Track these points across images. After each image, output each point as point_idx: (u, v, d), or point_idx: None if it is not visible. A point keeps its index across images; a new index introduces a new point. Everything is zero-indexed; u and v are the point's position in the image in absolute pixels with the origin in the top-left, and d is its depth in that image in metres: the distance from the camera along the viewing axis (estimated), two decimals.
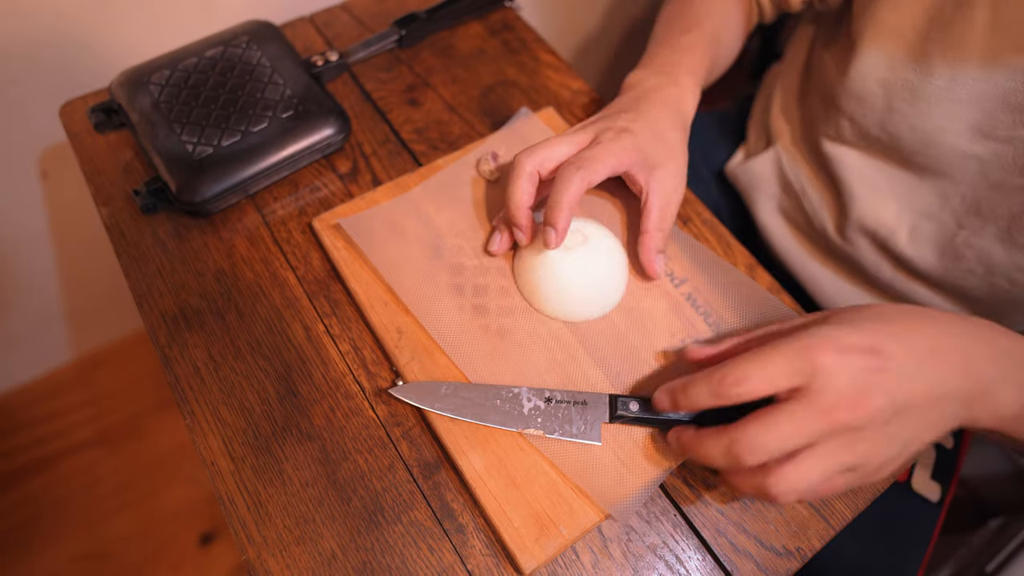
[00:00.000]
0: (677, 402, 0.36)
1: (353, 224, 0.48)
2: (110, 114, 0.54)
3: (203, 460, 0.42)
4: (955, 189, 0.50)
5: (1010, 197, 0.47)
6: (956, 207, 0.51)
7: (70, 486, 1.02)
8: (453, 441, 0.41)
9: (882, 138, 0.52)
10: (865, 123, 0.53)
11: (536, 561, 0.38)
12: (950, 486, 0.60)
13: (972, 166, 0.48)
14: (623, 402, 0.40)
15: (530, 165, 0.44)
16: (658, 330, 0.45)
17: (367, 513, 0.40)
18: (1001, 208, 0.48)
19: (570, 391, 0.42)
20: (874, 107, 0.51)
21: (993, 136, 0.46)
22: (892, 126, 0.51)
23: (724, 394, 0.34)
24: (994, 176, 0.47)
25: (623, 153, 0.44)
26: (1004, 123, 0.45)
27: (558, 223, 0.42)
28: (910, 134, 0.50)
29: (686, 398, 0.36)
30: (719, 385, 0.34)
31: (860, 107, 0.52)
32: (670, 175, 0.46)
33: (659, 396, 0.38)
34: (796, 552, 0.40)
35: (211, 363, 0.45)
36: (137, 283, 0.48)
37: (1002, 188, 0.47)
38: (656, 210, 0.45)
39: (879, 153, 0.54)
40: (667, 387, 0.37)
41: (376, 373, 0.45)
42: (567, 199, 0.42)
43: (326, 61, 0.57)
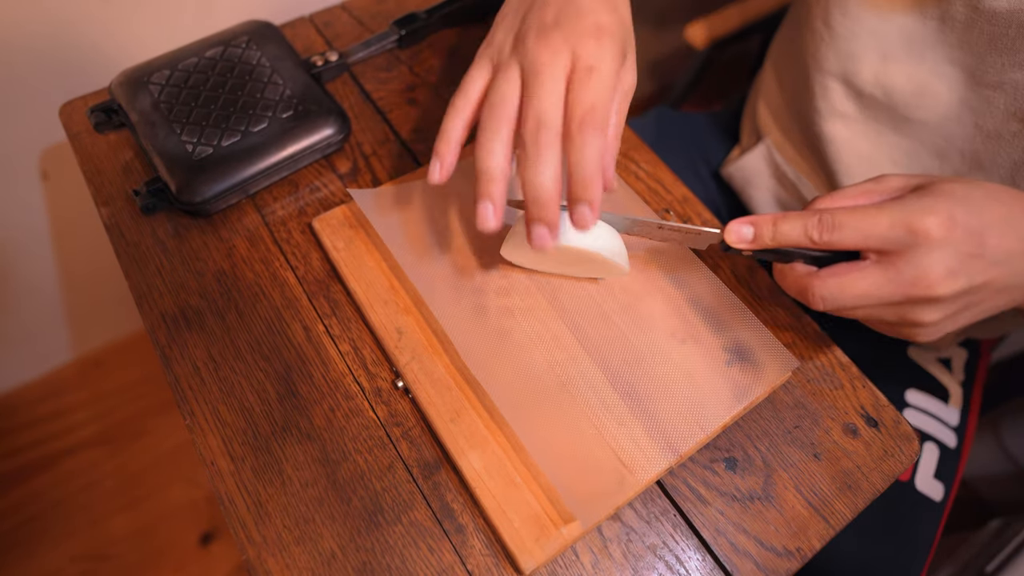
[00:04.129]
0: (760, 235, 0.36)
1: (365, 198, 0.48)
2: (110, 114, 0.54)
3: (203, 460, 0.42)
4: (952, 145, 0.50)
5: (1009, 144, 0.47)
6: (956, 165, 0.50)
7: (70, 486, 1.02)
8: (453, 441, 0.41)
9: (876, 93, 0.52)
10: (859, 80, 0.52)
11: (536, 561, 0.38)
12: (953, 485, 0.60)
13: (967, 117, 0.48)
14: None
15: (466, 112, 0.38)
16: (658, 331, 0.45)
17: (367, 513, 0.40)
18: (1001, 157, 0.48)
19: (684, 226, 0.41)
20: (867, 59, 0.51)
21: (984, 82, 0.46)
22: (887, 77, 0.50)
23: (815, 236, 0.34)
24: (989, 126, 0.47)
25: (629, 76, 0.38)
26: (994, 66, 0.45)
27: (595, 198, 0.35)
28: (906, 83, 0.49)
29: (775, 229, 0.36)
30: (813, 226, 0.34)
31: (853, 63, 0.52)
32: (631, 68, 0.40)
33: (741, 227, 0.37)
34: (796, 552, 0.40)
35: (211, 363, 0.45)
36: (137, 283, 0.48)
37: (1000, 138, 0.47)
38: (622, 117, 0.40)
39: (873, 115, 0.53)
40: (755, 218, 0.37)
41: (376, 373, 0.45)
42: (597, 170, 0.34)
43: (326, 61, 0.57)
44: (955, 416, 0.63)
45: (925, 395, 0.63)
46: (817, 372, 0.46)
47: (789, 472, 0.43)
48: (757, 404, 0.44)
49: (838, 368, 0.47)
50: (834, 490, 0.42)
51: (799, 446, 0.44)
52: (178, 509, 1.01)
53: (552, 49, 0.35)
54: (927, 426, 0.62)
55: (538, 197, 0.35)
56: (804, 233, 0.35)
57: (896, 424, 0.45)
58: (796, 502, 0.42)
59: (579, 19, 0.35)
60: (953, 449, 0.62)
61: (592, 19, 0.35)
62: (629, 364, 0.44)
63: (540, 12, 0.37)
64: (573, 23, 0.35)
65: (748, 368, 0.44)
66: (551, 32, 0.35)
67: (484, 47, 0.39)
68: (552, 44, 0.35)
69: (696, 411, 0.42)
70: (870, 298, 0.34)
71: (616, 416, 0.42)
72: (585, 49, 0.35)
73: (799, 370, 0.46)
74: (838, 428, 0.44)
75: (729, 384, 0.43)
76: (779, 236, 0.36)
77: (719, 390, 0.43)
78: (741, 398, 0.43)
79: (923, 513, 0.58)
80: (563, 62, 0.35)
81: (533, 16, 0.37)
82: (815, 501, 0.42)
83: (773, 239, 0.36)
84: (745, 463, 0.43)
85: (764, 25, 0.86)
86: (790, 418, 0.45)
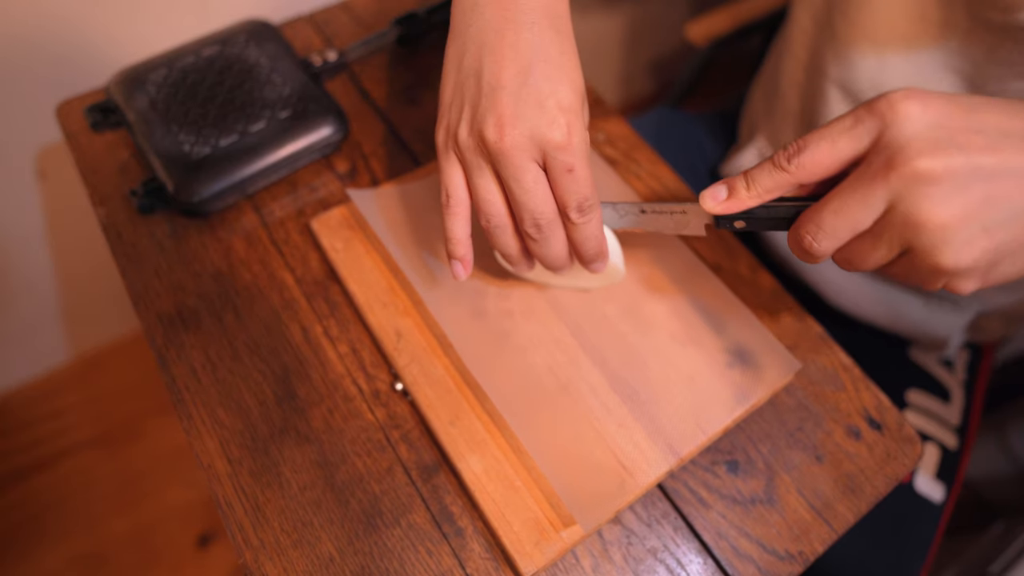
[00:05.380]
0: (735, 191, 0.34)
1: (364, 199, 0.48)
2: (107, 114, 0.53)
3: (200, 462, 0.41)
4: None
5: None
6: None
7: (68, 487, 1.02)
8: (452, 444, 0.41)
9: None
10: (856, 85, 0.51)
11: (536, 565, 0.37)
12: (953, 487, 0.60)
13: None
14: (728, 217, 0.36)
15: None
16: (659, 333, 0.45)
17: (365, 516, 0.40)
18: None
19: (666, 202, 0.39)
20: (865, 65, 0.50)
21: (984, 90, 0.45)
22: (884, 83, 0.49)
23: (784, 164, 0.31)
24: None
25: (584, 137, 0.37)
26: (993, 76, 0.44)
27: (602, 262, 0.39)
28: None
29: (748, 179, 0.33)
30: (781, 156, 0.32)
31: (850, 68, 0.51)
32: (587, 107, 0.39)
33: (716, 189, 0.34)
34: (798, 556, 0.40)
35: (208, 364, 0.45)
36: (134, 283, 0.48)
37: None
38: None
39: None
40: (728, 179, 0.35)
41: (375, 375, 0.44)
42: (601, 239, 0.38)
43: (324, 60, 0.57)
44: (956, 416, 0.63)
45: (926, 395, 0.63)
46: (820, 374, 0.46)
47: (791, 475, 0.42)
48: (759, 406, 0.44)
49: (841, 370, 0.46)
50: (836, 493, 0.42)
51: (801, 448, 0.43)
52: (176, 511, 1.01)
53: (520, 148, 0.34)
54: (928, 427, 0.61)
55: (553, 266, 0.39)
56: (774, 166, 0.32)
57: (899, 426, 0.44)
58: (798, 505, 0.41)
59: (540, 108, 0.34)
60: (954, 450, 0.61)
61: (552, 101, 0.34)
62: (630, 366, 0.43)
63: (495, 97, 0.34)
64: (536, 113, 0.34)
65: (750, 370, 0.44)
66: (516, 127, 0.33)
67: (442, 132, 0.37)
68: (518, 142, 0.34)
69: (697, 413, 0.42)
70: (852, 209, 0.29)
71: (617, 418, 0.41)
72: (555, 147, 0.34)
73: (801, 372, 0.46)
74: (841, 430, 0.44)
75: (730, 386, 0.43)
76: (753, 184, 0.33)
77: (720, 392, 0.43)
78: (742, 400, 0.42)
79: (922, 514, 0.58)
80: (533, 156, 0.34)
81: (487, 100, 0.34)
82: (817, 504, 0.41)
83: (748, 189, 0.34)
84: (747, 466, 0.43)
85: (764, 24, 0.86)
86: (792, 420, 0.44)
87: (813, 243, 0.31)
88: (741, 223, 0.36)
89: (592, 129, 0.57)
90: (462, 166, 0.37)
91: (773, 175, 0.32)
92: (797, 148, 0.31)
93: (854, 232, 0.30)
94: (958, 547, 0.79)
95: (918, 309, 0.59)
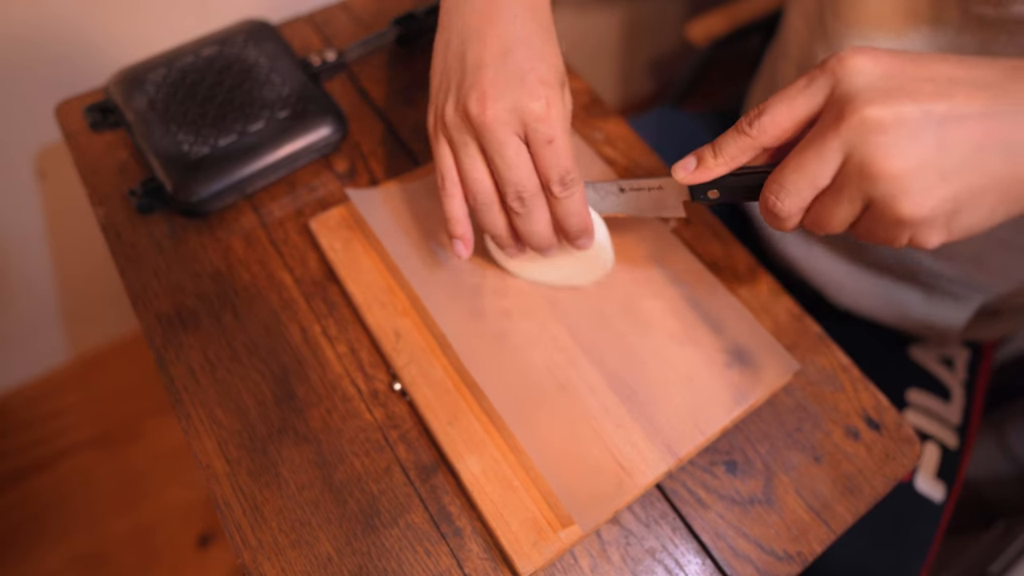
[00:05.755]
0: (704, 159, 0.34)
1: (363, 198, 0.48)
2: (106, 114, 0.53)
3: (198, 462, 0.41)
4: None
5: None
6: None
7: (67, 487, 1.02)
8: (450, 444, 0.41)
9: None
10: None
11: (534, 565, 0.37)
12: (954, 486, 0.60)
13: None
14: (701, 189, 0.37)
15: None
16: (657, 333, 0.45)
17: (363, 516, 0.40)
18: None
19: (643, 178, 0.40)
20: None
21: None
22: None
23: (746, 128, 0.32)
24: None
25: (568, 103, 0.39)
26: None
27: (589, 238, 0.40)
28: None
29: (714, 147, 0.34)
30: (743, 121, 0.32)
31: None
32: (568, 94, 0.40)
33: (685, 160, 0.35)
34: (796, 556, 0.40)
35: (207, 365, 0.45)
36: (133, 284, 0.48)
37: None
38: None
39: None
40: (696, 150, 0.35)
41: (373, 375, 0.44)
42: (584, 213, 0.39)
43: (323, 60, 0.57)
44: (957, 416, 0.63)
45: (926, 394, 0.63)
46: (818, 374, 0.46)
47: (790, 475, 0.42)
48: (757, 407, 0.44)
49: (839, 370, 0.46)
50: (835, 493, 0.42)
51: (800, 449, 0.43)
52: (176, 510, 1.01)
53: (500, 120, 0.35)
54: (928, 426, 0.61)
55: (539, 244, 0.40)
56: (737, 132, 0.33)
57: (898, 427, 0.44)
58: (797, 506, 0.41)
59: (521, 82, 0.35)
60: (954, 449, 0.61)
61: (533, 75, 0.35)
62: (628, 366, 0.43)
63: (478, 74, 0.36)
64: (516, 89, 0.35)
65: (748, 370, 0.44)
66: (498, 101, 0.35)
67: (432, 117, 0.39)
68: (499, 115, 0.35)
69: (695, 414, 0.42)
70: (809, 164, 0.29)
71: (615, 419, 0.41)
72: (535, 117, 0.35)
73: (800, 372, 0.46)
74: (839, 431, 0.44)
75: (729, 387, 0.43)
76: (720, 151, 0.34)
77: (719, 393, 0.43)
78: (741, 401, 0.42)
79: (923, 514, 0.58)
80: (517, 130, 0.36)
81: (470, 78, 0.36)
82: (816, 505, 0.41)
83: (715, 157, 0.34)
84: (745, 466, 0.43)
85: (765, 23, 0.86)
86: (791, 421, 0.44)
87: (777, 202, 0.31)
88: (715, 192, 0.36)
89: (591, 129, 0.57)
90: (450, 147, 0.38)
91: (737, 140, 0.33)
92: (758, 112, 0.32)
93: (815, 188, 0.30)
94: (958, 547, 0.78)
95: (919, 303, 0.59)
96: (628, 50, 1.28)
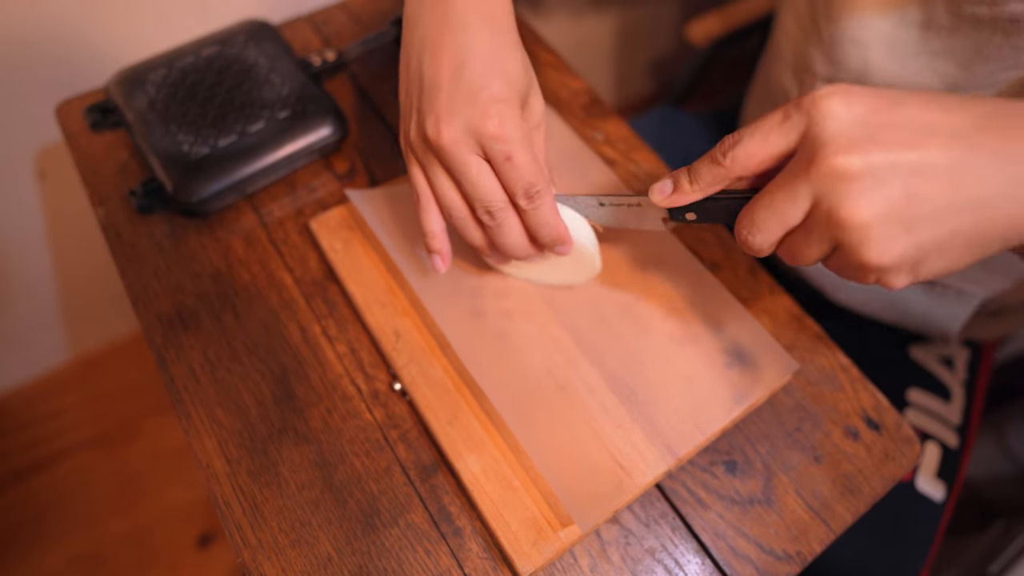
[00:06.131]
0: (679, 184, 0.35)
1: (362, 199, 0.48)
2: (106, 114, 0.53)
3: (198, 462, 0.41)
4: None
5: None
6: None
7: (67, 487, 1.02)
8: (450, 444, 0.41)
9: None
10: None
11: (533, 565, 0.37)
12: (954, 486, 0.60)
13: None
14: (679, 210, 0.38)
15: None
16: (657, 333, 0.45)
17: (363, 516, 0.40)
18: None
19: (623, 194, 0.40)
20: (849, 65, 0.50)
21: (971, 87, 0.45)
22: (869, 84, 0.49)
23: (720, 158, 0.32)
24: None
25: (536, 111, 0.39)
26: (979, 74, 0.44)
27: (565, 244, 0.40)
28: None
29: (690, 172, 0.34)
30: (717, 150, 0.33)
31: (836, 69, 0.51)
32: (536, 102, 0.40)
33: (662, 183, 0.36)
34: (796, 556, 0.40)
35: (207, 365, 0.45)
36: (133, 284, 0.48)
37: None
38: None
39: None
40: (673, 172, 0.36)
41: (373, 375, 0.44)
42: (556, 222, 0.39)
43: (323, 60, 0.57)
44: (957, 415, 0.63)
45: (927, 394, 0.63)
46: (818, 374, 0.46)
47: (789, 475, 0.42)
48: (757, 407, 0.44)
49: (839, 370, 0.46)
50: (835, 494, 0.42)
51: (799, 449, 0.43)
52: (176, 511, 1.01)
53: (457, 142, 0.35)
54: (928, 426, 0.62)
55: (515, 254, 0.40)
56: (711, 161, 0.33)
57: (898, 427, 0.44)
58: (796, 506, 0.41)
59: (473, 102, 0.35)
60: (955, 449, 0.61)
61: (485, 94, 0.35)
62: (627, 367, 0.43)
63: (433, 96, 0.36)
64: (468, 108, 0.35)
65: (748, 371, 0.44)
66: (451, 123, 0.35)
67: (403, 138, 0.40)
68: (455, 137, 0.35)
69: (695, 414, 0.42)
70: (780, 205, 0.30)
71: (614, 419, 0.41)
72: (489, 137, 0.35)
73: (800, 372, 0.46)
74: (839, 431, 0.44)
75: (728, 387, 0.43)
76: (695, 178, 0.34)
77: (718, 393, 0.43)
78: (740, 401, 0.42)
79: (924, 513, 0.58)
80: (473, 148, 0.36)
81: (427, 99, 0.36)
82: (815, 504, 0.41)
83: (691, 183, 0.35)
84: (745, 466, 0.43)
85: (764, 23, 0.86)
86: (791, 421, 0.44)
87: (749, 237, 0.32)
88: (692, 215, 0.37)
89: (591, 129, 0.57)
90: (421, 166, 0.39)
91: (712, 169, 0.33)
92: (732, 143, 0.32)
93: (785, 227, 0.31)
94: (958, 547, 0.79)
95: (920, 300, 0.59)
96: (628, 51, 1.28)
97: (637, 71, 1.37)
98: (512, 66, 0.37)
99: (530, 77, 0.39)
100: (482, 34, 0.37)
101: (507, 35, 0.38)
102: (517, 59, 0.38)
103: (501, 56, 0.37)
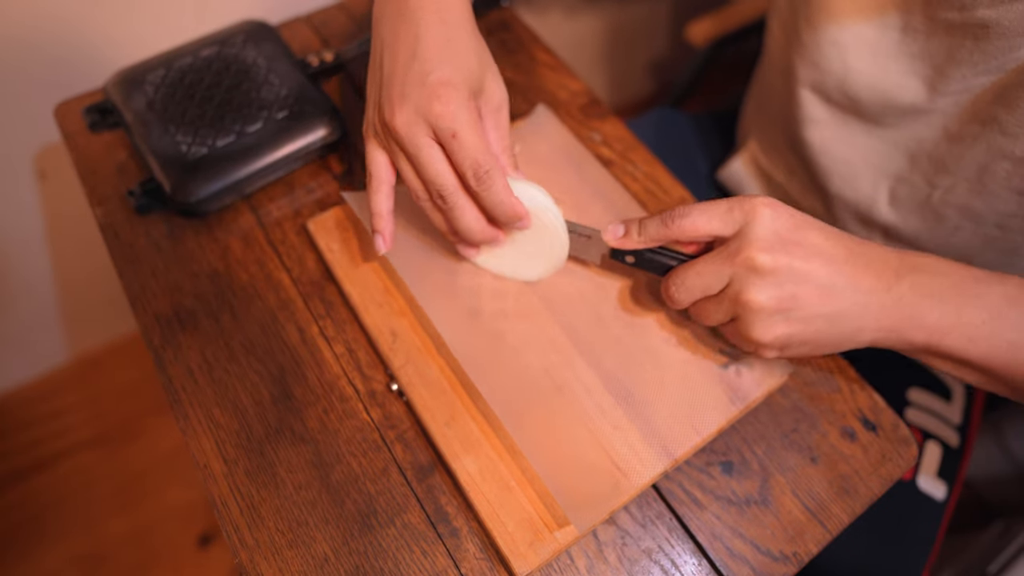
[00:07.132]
0: (629, 232, 0.41)
1: (358, 201, 0.48)
2: (105, 114, 0.53)
3: (196, 462, 0.41)
4: (921, 148, 0.50)
5: (971, 148, 0.47)
6: (925, 168, 0.50)
7: (67, 487, 1.02)
8: (447, 444, 0.41)
9: (843, 101, 0.52)
10: (826, 89, 0.52)
11: (530, 565, 0.37)
12: (955, 485, 0.60)
13: (935, 120, 0.48)
14: (622, 252, 0.43)
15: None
16: (654, 334, 0.45)
17: (360, 516, 0.40)
18: (965, 160, 0.48)
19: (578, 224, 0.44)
20: (831, 69, 0.51)
21: (946, 91, 0.46)
22: (850, 87, 0.50)
23: (668, 223, 0.39)
24: (952, 128, 0.47)
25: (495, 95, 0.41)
26: (954, 77, 0.45)
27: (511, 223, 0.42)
28: (869, 93, 0.50)
29: (641, 228, 0.40)
30: (668, 215, 0.39)
31: (819, 73, 0.52)
32: (494, 86, 0.42)
33: (615, 226, 0.41)
34: (792, 557, 0.40)
35: (205, 365, 0.45)
36: (131, 284, 0.48)
37: (962, 140, 0.47)
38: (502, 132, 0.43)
39: (843, 121, 0.53)
40: (627, 219, 0.41)
41: (371, 376, 0.44)
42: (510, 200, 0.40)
43: (321, 61, 0.57)
44: (958, 415, 0.63)
45: (927, 393, 0.63)
46: (815, 375, 0.46)
47: (786, 476, 0.42)
48: (754, 407, 0.44)
49: (836, 371, 0.46)
50: (831, 494, 0.42)
51: (796, 450, 0.43)
52: (176, 510, 1.01)
53: (409, 124, 0.38)
54: (929, 425, 0.62)
55: (472, 238, 0.41)
56: (661, 223, 0.39)
57: (895, 428, 0.44)
58: (793, 506, 0.41)
59: (422, 85, 0.37)
60: (955, 448, 0.61)
61: (434, 77, 0.37)
62: (624, 367, 0.43)
63: (390, 84, 0.39)
64: (418, 91, 0.37)
65: (744, 371, 0.44)
66: (403, 107, 0.38)
67: (366, 123, 0.42)
68: (408, 119, 0.38)
69: (692, 414, 0.42)
70: (707, 275, 0.37)
71: (611, 420, 0.41)
72: (435, 116, 0.37)
73: (797, 373, 0.46)
74: (836, 432, 0.44)
75: (725, 387, 0.43)
76: (644, 231, 0.40)
77: (715, 393, 0.43)
78: (737, 401, 0.42)
79: (925, 512, 0.58)
80: (425, 131, 0.38)
81: (385, 88, 0.39)
82: (812, 505, 0.41)
83: (639, 234, 0.40)
84: (742, 467, 0.43)
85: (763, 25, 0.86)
86: (787, 421, 0.44)
87: (675, 291, 0.39)
88: (631, 259, 0.42)
89: (588, 129, 0.57)
90: (387, 153, 0.41)
91: (659, 229, 0.39)
92: (682, 214, 0.38)
93: (704, 293, 0.38)
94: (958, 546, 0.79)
95: None
96: (626, 51, 1.28)
97: (636, 72, 1.37)
98: (463, 53, 0.39)
99: (484, 64, 0.41)
100: (434, 26, 0.39)
101: (460, 27, 0.40)
102: (470, 47, 0.40)
103: (452, 45, 0.39)
